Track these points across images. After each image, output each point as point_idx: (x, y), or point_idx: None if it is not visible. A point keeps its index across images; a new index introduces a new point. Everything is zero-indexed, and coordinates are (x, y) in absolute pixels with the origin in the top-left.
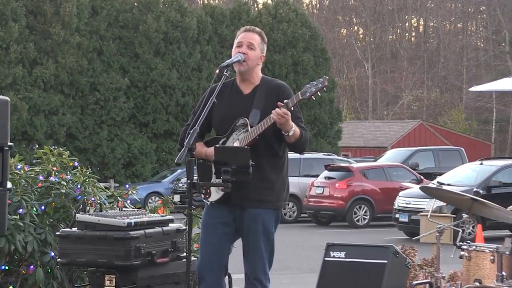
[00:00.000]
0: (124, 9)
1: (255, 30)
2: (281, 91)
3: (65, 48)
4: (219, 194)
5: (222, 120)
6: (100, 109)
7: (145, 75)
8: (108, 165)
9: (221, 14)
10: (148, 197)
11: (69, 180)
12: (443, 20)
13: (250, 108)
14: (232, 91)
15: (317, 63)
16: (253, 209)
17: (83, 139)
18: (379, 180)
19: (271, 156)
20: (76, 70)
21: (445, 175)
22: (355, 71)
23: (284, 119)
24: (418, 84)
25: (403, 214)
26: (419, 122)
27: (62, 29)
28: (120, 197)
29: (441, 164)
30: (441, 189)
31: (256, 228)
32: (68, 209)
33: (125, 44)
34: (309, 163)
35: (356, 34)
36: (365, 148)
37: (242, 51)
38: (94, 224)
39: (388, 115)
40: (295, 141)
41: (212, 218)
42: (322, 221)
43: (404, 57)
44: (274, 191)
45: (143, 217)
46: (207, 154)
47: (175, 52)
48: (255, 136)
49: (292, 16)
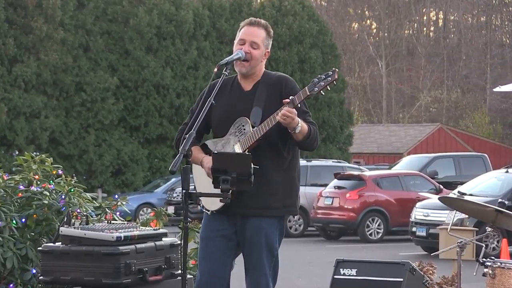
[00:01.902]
0: (113, 1)
1: (260, 23)
2: (284, 85)
3: (48, 44)
4: (219, 203)
5: (221, 120)
6: (86, 112)
7: (136, 73)
8: (96, 173)
9: (220, 6)
10: (140, 209)
11: (53, 190)
12: (465, 13)
13: (251, 105)
14: (233, 88)
15: (325, 61)
16: (256, 220)
17: (68, 145)
18: (394, 189)
19: (275, 156)
20: (60, 68)
21: (467, 184)
22: (367, 69)
23: (290, 119)
24: (437, 84)
25: (421, 228)
26: (438, 125)
27: (45, 23)
28: (109, 208)
29: (463, 172)
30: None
31: (259, 242)
32: (51, 221)
33: (114, 40)
34: (316, 171)
35: (369, 29)
36: (379, 155)
37: (244, 51)
38: (80, 239)
39: (404, 118)
40: (303, 138)
41: (212, 231)
42: (331, 235)
43: (422, 54)
44: (279, 195)
45: (134, 231)
46: (203, 163)
47: (169, 48)
48: (257, 137)
49: (298, 9)
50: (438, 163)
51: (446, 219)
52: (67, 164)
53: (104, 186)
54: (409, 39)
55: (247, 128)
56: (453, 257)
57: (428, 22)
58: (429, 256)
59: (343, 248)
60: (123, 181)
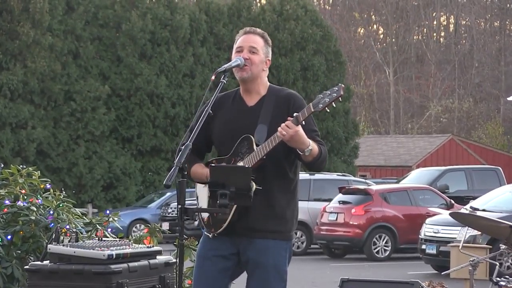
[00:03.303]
0: (104, 5)
1: (256, 31)
2: (292, 103)
3: (35, 50)
4: (217, 223)
5: (223, 138)
6: (76, 122)
7: (129, 82)
8: (86, 187)
9: (217, 10)
10: (132, 225)
11: (40, 205)
12: (478, 17)
13: (255, 122)
14: (235, 103)
15: (329, 68)
16: (261, 240)
17: (56, 157)
18: (402, 205)
19: (281, 178)
20: (48, 76)
21: (480, 199)
22: (374, 77)
23: (289, 135)
24: (448, 93)
25: (431, 245)
26: (449, 137)
27: (32, 28)
28: (100, 225)
29: (475, 186)
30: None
31: (266, 263)
32: (38, 239)
33: (106, 46)
34: (320, 185)
35: (376, 34)
36: (386, 168)
37: (243, 56)
38: (69, 257)
39: (413, 129)
40: (313, 160)
41: (210, 249)
42: (335, 253)
43: (432, 61)
44: (285, 219)
45: (127, 249)
46: (207, 176)
47: (164, 55)
48: (261, 156)
49: (301, 13)
50: (449, 177)
51: (457, 236)
52: (55, 177)
53: (95, 201)
54: (418, 45)
55: (251, 147)
56: (465, 277)
57: (439, 27)
58: (440, 275)
59: (349, 267)
60: (114, 195)
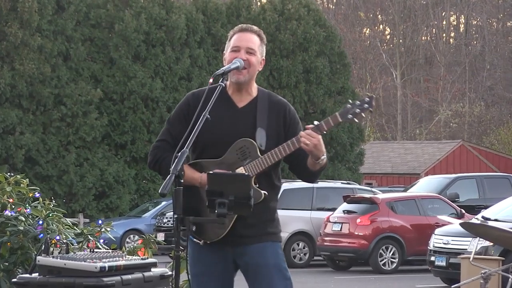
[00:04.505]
0: (96, 4)
1: (252, 29)
2: (288, 111)
3: (23, 52)
4: (214, 232)
5: (215, 139)
6: (66, 127)
7: (122, 85)
8: (77, 196)
9: (215, 10)
10: (126, 236)
11: (29, 215)
12: (489, 17)
13: (251, 125)
14: (224, 103)
15: (333, 71)
16: (257, 244)
17: (46, 164)
18: (410, 214)
19: (271, 184)
20: (37, 79)
21: (492, 208)
22: (380, 80)
23: (312, 144)
24: (458, 96)
25: (440, 257)
26: (459, 143)
27: (20, 28)
28: (92, 235)
29: (487, 195)
30: (486, 225)
31: (266, 263)
32: (27, 250)
33: (98, 47)
34: (324, 194)
35: (382, 35)
36: (393, 175)
37: (241, 58)
38: (60, 269)
39: (421, 135)
40: (319, 169)
41: (205, 265)
42: (340, 265)
43: (441, 63)
44: (276, 221)
45: (120, 261)
46: (202, 182)
47: (159, 56)
48: (268, 165)
49: (303, 13)
50: (460, 185)
51: (468, 247)
52: (44, 186)
53: (86, 210)
54: (427, 46)
55: (253, 152)
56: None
57: (448, 27)
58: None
59: (354, 280)
60: (107, 204)
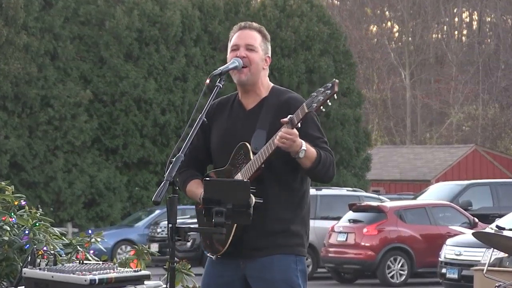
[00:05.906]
0: (86, 0)
1: (252, 26)
2: (292, 108)
3: (8, 51)
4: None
5: (220, 147)
6: (54, 131)
7: (113, 85)
8: (65, 204)
9: (212, 6)
10: (117, 246)
11: (14, 224)
12: (504, 13)
13: (253, 127)
14: (233, 109)
15: (338, 70)
16: (265, 258)
17: (32, 170)
18: (420, 223)
19: (284, 189)
20: (23, 79)
21: (507, 217)
22: (388, 80)
23: (290, 141)
24: (471, 98)
25: (452, 269)
26: (472, 147)
27: (5, 26)
28: (81, 246)
29: (501, 203)
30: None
31: (273, 279)
32: (12, 262)
33: (87, 46)
34: (328, 202)
35: (390, 32)
36: (402, 182)
37: (240, 55)
38: (47, 282)
39: (431, 139)
40: (312, 165)
41: (211, 277)
42: (345, 278)
43: (453, 63)
44: (290, 233)
45: (111, 273)
46: (201, 199)
47: (153, 56)
48: (258, 165)
49: (306, 9)
50: (472, 192)
51: (481, 258)
52: (31, 193)
53: (75, 219)
54: (438, 44)
55: (248, 156)
56: None
57: (460, 25)
58: None
59: None
60: (97, 213)
